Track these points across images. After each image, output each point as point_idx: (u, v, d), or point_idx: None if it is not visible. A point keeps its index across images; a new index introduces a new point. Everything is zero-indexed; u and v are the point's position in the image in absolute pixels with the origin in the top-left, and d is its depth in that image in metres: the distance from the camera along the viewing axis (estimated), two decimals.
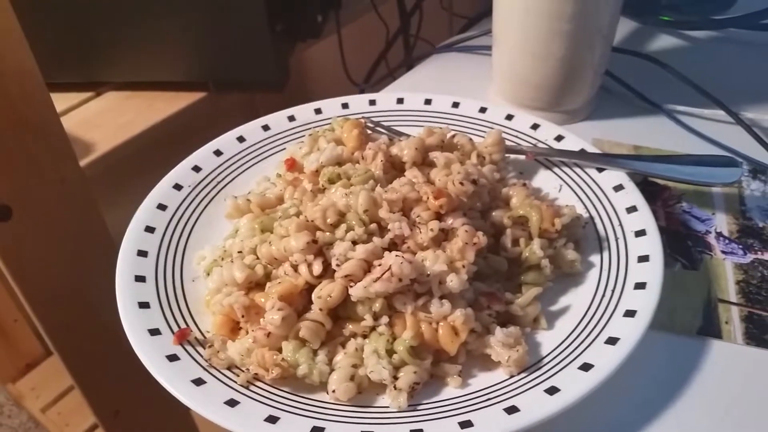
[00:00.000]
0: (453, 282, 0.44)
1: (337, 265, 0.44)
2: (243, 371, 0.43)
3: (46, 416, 1.46)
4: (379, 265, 0.44)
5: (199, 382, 0.42)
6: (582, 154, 0.58)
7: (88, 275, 0.77)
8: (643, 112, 0.71)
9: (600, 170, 0.57)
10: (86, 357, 0.82)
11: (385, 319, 0.44)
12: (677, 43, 0.84)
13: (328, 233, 0.46)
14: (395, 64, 1.08)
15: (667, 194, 0.60)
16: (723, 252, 0.55)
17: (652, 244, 0.49)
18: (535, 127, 0.61)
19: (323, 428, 0.39)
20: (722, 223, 0.57)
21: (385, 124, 0.64)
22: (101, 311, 0.80)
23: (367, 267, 0.44)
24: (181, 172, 0.57)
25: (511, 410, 0.39)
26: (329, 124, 0.62)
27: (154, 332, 0.44)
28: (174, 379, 0.41)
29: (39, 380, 1.53)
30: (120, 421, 0.91)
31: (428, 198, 0.48)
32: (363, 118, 0.61)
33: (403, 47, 1.12)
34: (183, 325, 0.46)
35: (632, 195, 0.54)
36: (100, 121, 0.82)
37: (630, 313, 0.45)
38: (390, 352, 0.43)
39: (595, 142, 0.65)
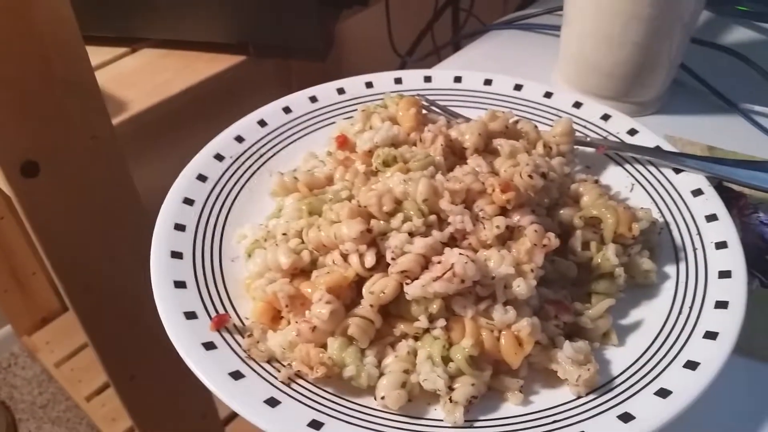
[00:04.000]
0: (520, 287, 0.40)
1: (392, 259, 0.41)
2: (284, 366, 0.40)
3: (60, 371, 1.46)
4: (439, 262, 0.40)
5: (237, 375, 0.38)
6: (658, 151, 0.53)
7: (113, 237, 0.74)
8: (716, 110, 0.66)
9: (677, 171, 0.52)
10: (105, 319, 0.79)
11: (441, 322, 0.40)
12: (755, 36, 0.78)
13: (383, 222, 0.42)
14: (441, 41, 1.02)
15: (742, 202, 0.55)
16: None
17: (735, 259, 0.45)
18: (606, 117, 0.57)
19: None
20: None
21: (440, 103, 0.60)
22: (124, 275, 0.77)
23: (425, 263, 0.41)
24: (222, 141, 0.53)
25: None
26: (381, 99, 0.57)
27: (190, 315, 0.41)
28: (211, 372, 0.38)
29: (54, 335, 1.53)
30: (135, 385, 0.89)
31: (494, 191, 0.43)
32: (417, 95, 0.57)
33: (452, 22, 1.06)
34: (221, 309, 0.42)
35: (712, 202, 0.49)
36: (135, 78, 0.79)
37: (711, 335, 0.40)
38: (446, 360, 0.39)
39: (667, 139, 0.60)
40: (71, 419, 1.45)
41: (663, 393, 0.37)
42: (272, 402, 0.37)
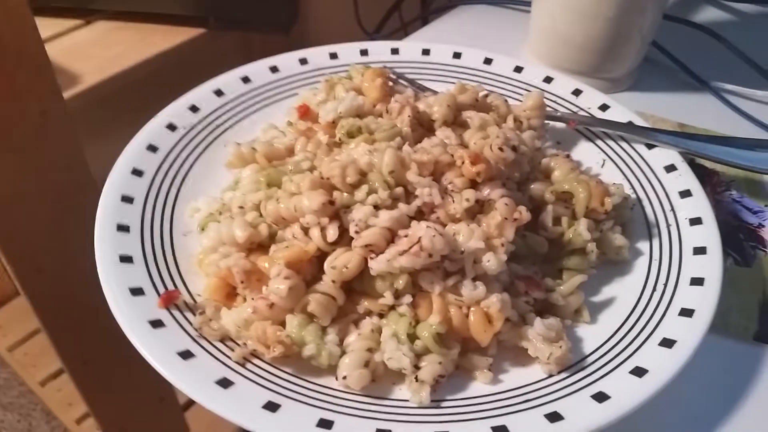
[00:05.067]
0: (490, 262, 0.37)
1: (356, 232, 0.38)
2: (239, 345, 0.37)
3: (12, 355, 1.41)
4: (405, 235, 0.38)
5: (186, 355, 0.35)
6: (630, 127, 0.51)
7: (65, 217, 0.71)
8: (687, 88, 0.65)
9: (649, 147, 0.50)
10: (57, 303, 0.76)
11: (408, 299, 0.38)
12: (727, 15, 0.77)
13: (346, 194, 0.40)
14: (408, 18, 1.00)
15: (715, 179, 0.54)
16: None
17: (710, 235, 0.43)
18: (577, 92, 0.55)
19: (332, 422, 0.33)
20: None
21: (408, 76, 0.58)
22: (77, 256, 0.73)
23: (390, 237, 0.38)
24: (176, 110, 0.50)
25: (554, 417, 0.34)
26: (345, 71, 0.55)
27: (137, 292, 0.38)
28: (157, 350, 0.35)
29: (7, 319, 1.47)
30: (89, 371, 0.85)
31: (464, 163, 0.41)
32: (384, 67, 0.55)
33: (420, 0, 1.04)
34: (170, 286, 0.39)
35: (686, 177, 0.48)
36: (89, 51, 0.76)
37: (687, 312, 0.39)
38: (412, 337, 0.37)
39: (639, 116, 0.59)
40: (25, 405, 1.40)
41: (639, 372, 0.36)
42: (224, 383, 0.34)
